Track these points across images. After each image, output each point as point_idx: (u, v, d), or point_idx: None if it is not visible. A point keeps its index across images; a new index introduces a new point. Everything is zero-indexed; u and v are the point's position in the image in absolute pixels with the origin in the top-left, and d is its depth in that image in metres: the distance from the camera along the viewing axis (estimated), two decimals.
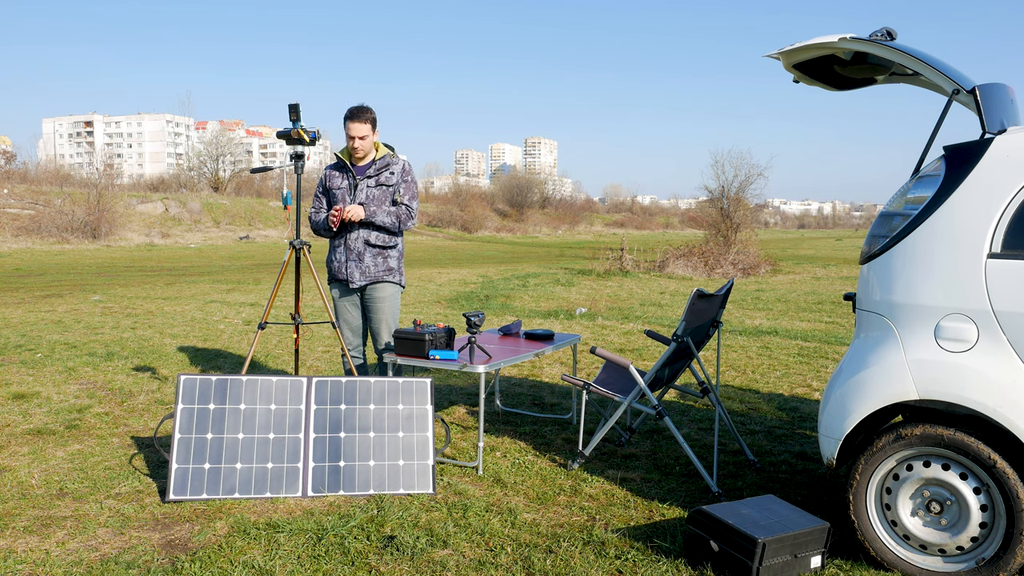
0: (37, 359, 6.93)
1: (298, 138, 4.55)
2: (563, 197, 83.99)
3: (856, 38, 3.15)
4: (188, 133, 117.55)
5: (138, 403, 5.42)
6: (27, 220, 29.84)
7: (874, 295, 3.03)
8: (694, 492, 3.83)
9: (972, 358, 2.77)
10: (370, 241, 4.61)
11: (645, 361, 7.18)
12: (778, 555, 2.83)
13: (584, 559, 3.05)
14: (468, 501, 3.64)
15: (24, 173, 40.32)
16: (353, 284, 4.63)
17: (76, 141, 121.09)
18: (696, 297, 3.86)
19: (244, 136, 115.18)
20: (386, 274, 4.66)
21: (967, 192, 2.82)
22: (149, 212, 36.91)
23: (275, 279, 10.18)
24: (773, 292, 14.78)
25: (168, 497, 3.58)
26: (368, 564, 2.99)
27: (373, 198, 4.57)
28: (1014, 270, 2.71)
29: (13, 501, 3.59)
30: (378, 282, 4.66)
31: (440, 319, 10.07)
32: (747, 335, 8.99)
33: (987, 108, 2.89)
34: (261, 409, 3.82)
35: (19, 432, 4.69)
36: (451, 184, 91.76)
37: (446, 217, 55.30)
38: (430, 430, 3.91)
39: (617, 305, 12.10)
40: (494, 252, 33.31)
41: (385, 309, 4.67)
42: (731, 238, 22.50)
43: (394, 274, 4.70)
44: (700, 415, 5.32)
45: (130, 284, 14.94)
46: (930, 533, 2.87)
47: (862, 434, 3.07)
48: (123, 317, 9.86)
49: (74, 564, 2.96)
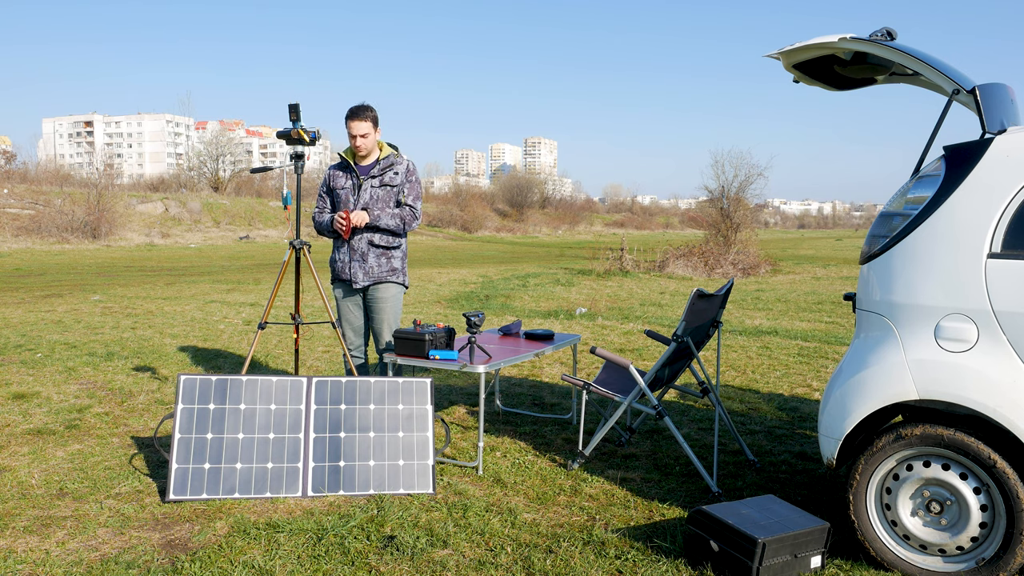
0: (37, 359, 6.93)
1: (298, 138, 4.55)
2: (563, 197, 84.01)
3: (856, 38, 3.15)
4: (188, 133, 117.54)
5: (138, 403, 5.42)
6: (27, 220, 29.84)
7: (874, 295, 3.03)
8: (694, 492, 3.83)
9: (972, 358, 2.77)
10: (374, 242, 4.60)
11: (645, 361, 7.18)
12: (778, 555, 2.83)
13: (584, 559, 3.05)
14: (468, 501, 3.64)
15: (24, 173, 40.33)
16: (356, 284, 4.63)
17: (76, 141, 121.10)
18: (696, 297, 3.86)
19: (244, 136, 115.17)
20: (390, 274, 4.67)
21: (967, 192, 2.82)
22: (149, 212, 36.91)
23: (275, 279, 10.18)
24: (773, 292, 14.78)
25: (168, 497, 3.58)
26: (368, 564, 2.99)
27: (377, 199, 4.56)
28: (1014, 270, 2.71)
29: (13, 501, 3.59)
30: (381, 282, 4.66)
31: (440, 319, 10.08)
32: (747, 335, 8.99)
33: (987, 108, 2.89)
34: (261, 409, 3.82)
35: (19, 432, 4.69)
36: (451, 184, 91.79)
37: (446, 217, 55.29)
38: (430, 430, 3.91)
39: (617, 305, 12.10)
40: (494, 252, 33.31)
41: (387, 309, 4.67)
42: (731, 238, 22.50)
43: (398, 274, 4.69)
44: (700, 415, 5.32)
45: (130, 284, 14.94)
46: (930, 533, 2.87)
47: (862, 434, 3.07)
48: (123, 317, 9.86)
49: (74, 564, 2.96)
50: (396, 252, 4.68)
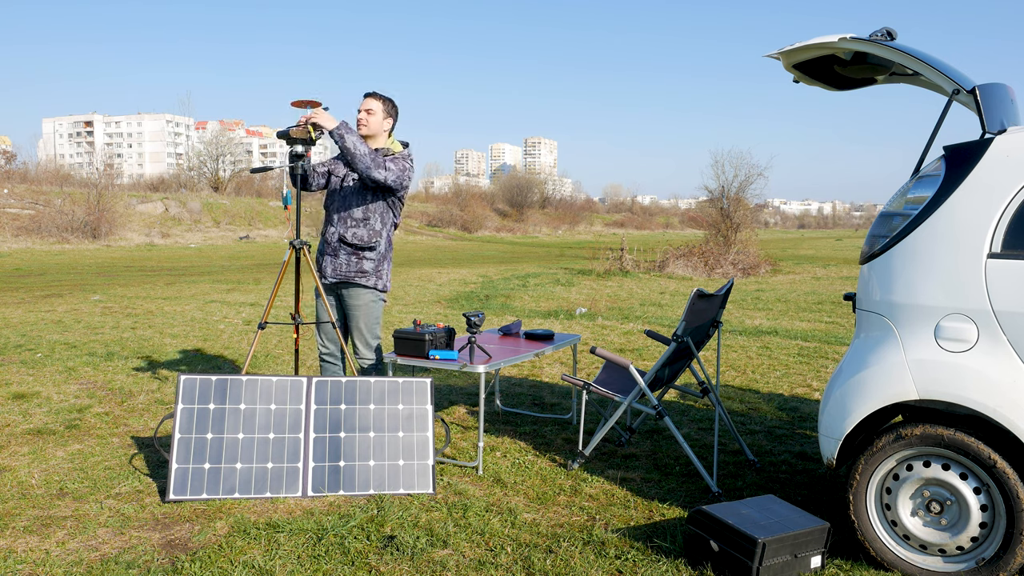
0: (37, 359, 6.93)
1: (298, 137, 4.54)
2: (563, 197, 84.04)
3: (856, 38, 3.15)
4: (188, 133, 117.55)
5: (138, 403, 5.42)
6: (27, 220, 29.84)
7: (874, 295, 3.03)
8: (694, 492, 3.83)
9: (972, 358, 2.76)
10: (345, 239, 4.40)
11: (645, 361, 7.18)
12: (778, 555, 2.83)
13: (584, 559, 3.05)
14: (468, 501, 3.64)
15: (24, 173, 40.35)
16: (325, 279, 4.47)
17: (76, 141, 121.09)
18: (696, 297, 3.86)
19: (244, 136, 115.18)
20: (359, 276, 4.41)
21: (967, 192, 2.82)
22: (149, 212, 36.92)
23: (275, 279, 10.18)
24: (773, 292, 14.78)
25: (168, 497, 3.58)
26: (368, 564, 2.99)
27: (355, 192, 4.43)
28: (1014, 270, 2.71)
29: (13, 501, 3.59)
30: (350, 284, 4.45)
31: (440, 319, 10.07)
32: (747, 335, 8.99)
33: (987, 108, 2.89)
34: (261, 409, 3.82)
35: (19, 432, 4.69)
36: (451, 184, 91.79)
37: (446, 217, 55.31)
38: (430, 430, 3.91)
39: (617, 305, 12.10)
40: (494, 252, 33.31)
41: (360, 317, 4.44)
42: (731, 238, 22.50)
43: (368, 277, 4.41)
44: (700, 415, 5.32)
45: (130, 284, 14.94)
46: (930, 533, 2.87)
47: (862, 434, 3.07)
48: (123, 317, 9.86)
49: (74, 564, 2.96)
50: (369, 254, 4.41)
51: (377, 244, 4.43)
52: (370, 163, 4.20)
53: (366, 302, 4.44)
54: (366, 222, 4.41)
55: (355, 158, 4.17)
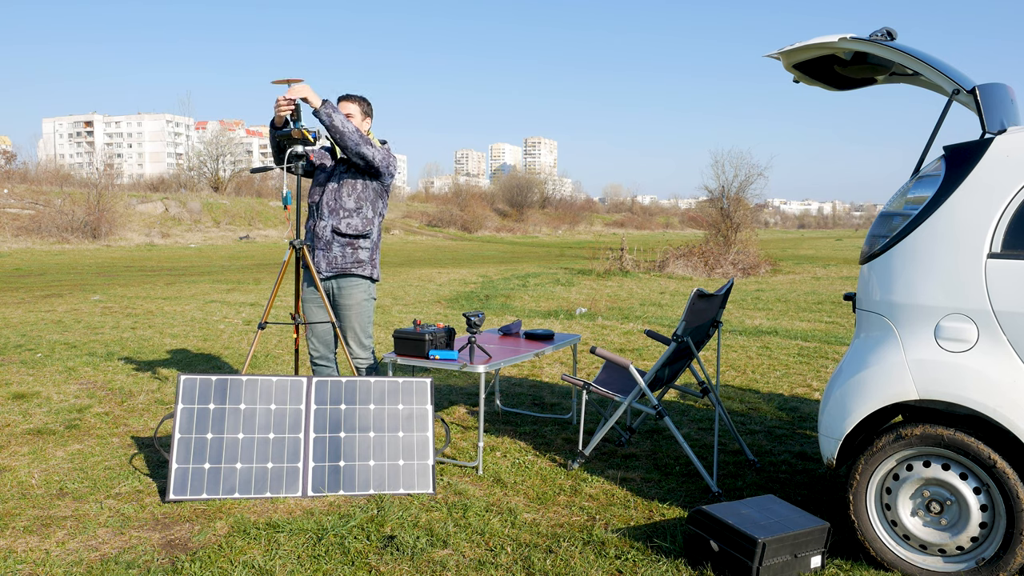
0: (37, 359, 6.93)
1: (299, 138, 4.54)
2: (563, 197, 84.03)
3: (856, 38, 3.15)
4: (188, 133, 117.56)
5: (138, 403, 5.42)
6: (27, 220, 29.84)
7: (874, 295, 3.03)
8: (694, 492, 3.83)
9: (972, 358, 2.77)
10: (339, 230, 4.37)
11: (645, 361, 7.18)
12: (778, 555, 2.83)
13: (584, 559, 3.05)
14: (468, 501, 3.64)
15: (24, 173, 40.34)
16: (320, 275, 4.42)
17: (76, 141, 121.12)
18: (696, 297, 3.86)
19: (244, 136, 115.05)
20: (355, 266, 4.40)
21: (967, 192, 2.82)
22: (149, 212, 36.91)
23: (275, 279, 10.18)
24: (773, 292, 14.78)
25: (168, 497, 3.58)
26: (368, 564, 2.99)
27: (344, 182, 4.41)
28: (1014, 270, 2.71)
29: (13, 501, 3.59)
30: (346, 275, 4.42)
31: (440, 319, 10.07)
32: (747, 335, 8.99)
33: (987, 108, 2.89)
34: (261, 409, 3.82)
35: (19, 432, 4.69)
36: (451, 184, 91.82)
37: (446, 217, 55.30)
38: (430, 430, 3.91)
39: (617, 305, 12.10)
40: (494, 252, 33.31)
41: (352, 317, 4.42)
42: (731, 238, 22.51)
43: (364, 267, 4.42)
44: (700, 415, 5.32)
45: (130, 284, 14.94)
46: (930, 533, 2.87)
47: (862, 434, 3.07)
48: (123, 317, 9.86)
49: (74, 564, 2.96)
50: (363, 242, 4.42)
51: (370, 232, 4.47)
52: (359, 139, 4.22)
53: (358, 301, 4.44)
54: (359, 211, 4.42)
55: (344, 136, 4.19)
